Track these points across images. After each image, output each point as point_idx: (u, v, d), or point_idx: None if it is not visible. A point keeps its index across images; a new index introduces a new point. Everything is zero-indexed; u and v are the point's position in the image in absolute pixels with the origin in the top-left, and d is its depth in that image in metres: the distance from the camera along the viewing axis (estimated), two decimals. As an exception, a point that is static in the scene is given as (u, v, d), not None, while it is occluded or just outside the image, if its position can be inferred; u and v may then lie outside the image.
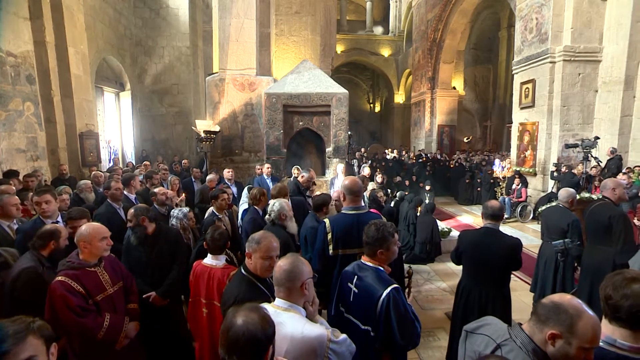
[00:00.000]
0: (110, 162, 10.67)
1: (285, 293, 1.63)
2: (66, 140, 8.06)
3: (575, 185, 7.26)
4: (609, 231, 3.35)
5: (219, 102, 8.07)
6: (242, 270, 2.02)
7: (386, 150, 17.28)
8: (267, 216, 3.26)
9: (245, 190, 5.23)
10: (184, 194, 5.57)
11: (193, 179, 6.94)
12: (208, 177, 5.85)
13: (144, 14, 12.46)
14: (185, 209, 4.13)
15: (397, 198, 6.98)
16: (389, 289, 1.91)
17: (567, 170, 8.10)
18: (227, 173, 6.18)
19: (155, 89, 12.72)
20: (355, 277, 2.08)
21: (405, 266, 4.79)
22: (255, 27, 8.12)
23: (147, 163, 8.32)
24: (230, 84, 8.05)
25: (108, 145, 11.32)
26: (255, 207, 3.90)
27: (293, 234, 3.30)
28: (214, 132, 7.63)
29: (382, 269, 2.05)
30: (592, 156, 7.17)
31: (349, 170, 7.58)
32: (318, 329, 1.59)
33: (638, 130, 8.16)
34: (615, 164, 7.76)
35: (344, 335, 1.67)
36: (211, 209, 4.14)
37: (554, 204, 4.27)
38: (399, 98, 23.01)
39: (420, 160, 14.33)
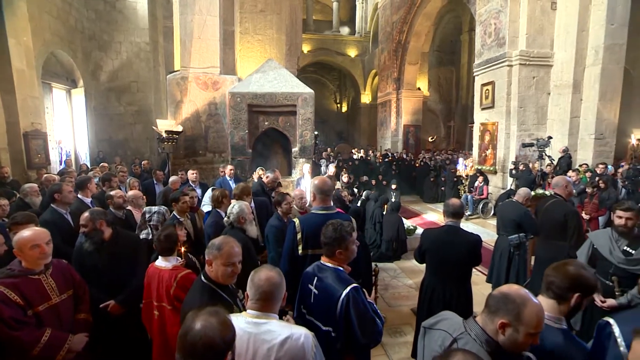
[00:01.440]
0: (61, 164, 9.98)
1: (263, 306, 1.59)
2: (7, 140, 7.44)
3: (531, 182, 7.68)
4: (564, 227, 3.53)
5: (181, 101, 7.78)
6: (203, 278, 1.93)
7: (353, 150, 17.45)
8: (225, 218, 3.17)
9: (208, 192, 5.08)
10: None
11: (155, 181, 6.65)
12: (171, 179, 5.61)
13: (97, 7, 11.72)
14: (164, 207, 3.94)
15: (363, 197, 7.05)
16: (348, 288, 1.90)
17: (524, 168, 8.53)
18: (191, 175, 5.98)
19: (112, 87, 12.04)
20: (315, 278, 2.07)
21: (372, 264, 4.88)
22: (219, 24, 7.90)
23: (105, 165, 7.86)
24: (192, 83, 7.78)
25: (59, 146, 10.55)
26: (218, 209, 3.78)
27: (253, 238, 3.22)
28: (177, 132, 7.35)
29: (341, 269, 2.05)
30: (546, 155, 7.60)
31: (316, 170, 7.57)
32: (303, 330, 1.61)
33: (585, 131, 8.73)
34: (565, 162, 8.28)
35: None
36: (172, 212, 3.96)
37: (513, 200, 4.48)
38: (366, 98, 23.34)
39: (387, 159, 14.59)
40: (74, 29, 11.01)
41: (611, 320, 1.42)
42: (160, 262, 2.55)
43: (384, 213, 6.58)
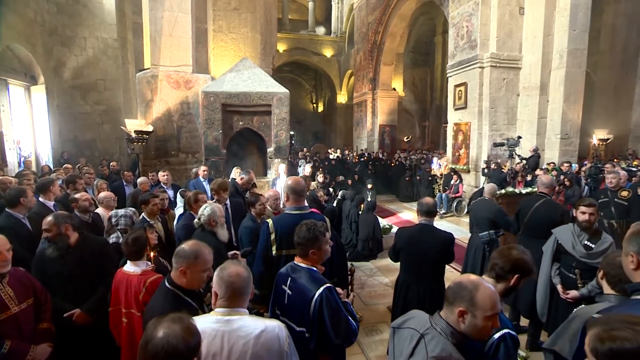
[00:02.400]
0: (20, 165, 9.43)
1: (233, 302, 1.57)
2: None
3: (502, 181, 7.94)
4: (555, 226, 3.40)
5: (151, 100, 7.54)
6: (167, 284, 1.86)
7: (329, 150, 17.50)
8: (196, 220, 3.08)
9: (179, 194, 4.94)
10: None
11: (125, 183, 6.39)
12: (139, 180, 5.40)
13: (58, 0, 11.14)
14: (132, 209, 3.78)
15: (339, 197, 7.07)
16: (322, 288, 1.91)
17: (495, 167, 8.81)
18: (162, 176, 5.79)
19: (77, 84, 11.45)
20: (289, 278, 2.07)
21: (348, 264, 4.90)
22: (191, 21, 7.71)
23: (69, 166, 7.48)
24: (164, 81, 7.56)
25: (17, 146, 9.93)
26: (192, 212, 3.68)
27: (224, 242, 3.15)
28: (147, 132, 7.12)
29: (315, 269, 2.05)
30: (516, 154, 7.89)
31: (292, 171, 7.53)
32: (276, 322, 1.62)
33: (551, 131, 9.12)
34: (533, 161, 8.61)
35: None
36: (142, 214, 3.83)
37: (485, 198, 4.58)
38: (342, 98, 23.46)
39: (363, 159, 14.71)
40: (33, 22, 10.34)
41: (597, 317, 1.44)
42: (129, 267, 2.46)
43: (360, 212, 6.62)
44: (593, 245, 2.88)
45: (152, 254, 2.96)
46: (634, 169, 8.06)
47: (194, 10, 7.90)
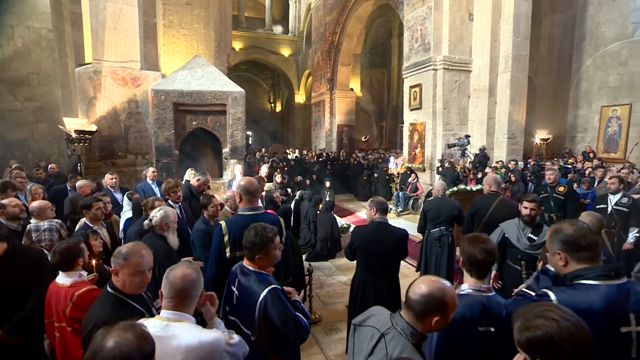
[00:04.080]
0: None
1: (178, 304, 1.55)
2: None
3: (456, 179, 8.28)
4: None
5: (94, 97, 7.04)
6: (109, 289, 1.79)
7: (288, 150, 17.38)
8: (146, 221, 2.91)
9: (126, 197, 4.63)
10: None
11: (69, 187, 5.84)
12: (78, 184, 4.97)
13: (-22, -19, 9.92)
14: (57, 221, 3.46)
15: (297, 197, 7.02)
16: (265, 291, 1.91)
17: (449, 166, 9.18)
18: (110, 179, 5.35)
19: (4, 78, 10.25)
20: (237, 280, 2.06)
21: (305, 264, 4.86)
22: (138, 14, 7.29)
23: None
24: (108, 78, 7.09)
25: None
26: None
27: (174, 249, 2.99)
28: (90, 132, 6.62)
29: (263, 272, 2.03)
30: (469, 152, 8.27)
31: (248, 171, 7.36)
32: (215, 334, 1.56)
33: (499, 131, 9.68)
34: (479, 160, 9.08)
35: (237, 337, 1.67)
36: (83, 220, 3.56)
37: (439, 196, 4.72)
38: (300, 98, 23.40)
39: (321, 159, 14.76)
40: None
41: (549, 291, 1.52)
42: (60, 278, 2.28)
43: (318, 212, 6.61)
44: (536, 238, 3.06)
45: (93, 262, 2.74)
46: (569, 166, 8.78)
47: (141, 3, 7.47)
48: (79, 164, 6.80)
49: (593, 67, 11.80)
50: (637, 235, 4.48)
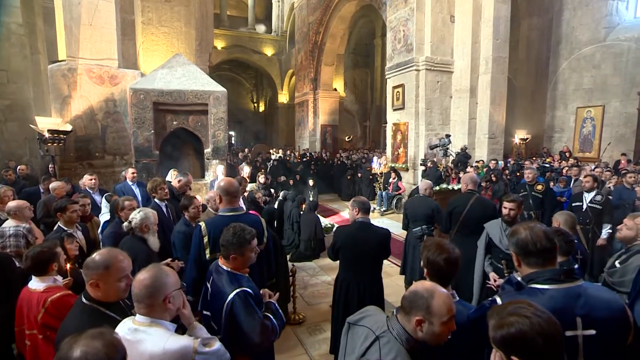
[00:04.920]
0: None
1: (147, 309, 1.50)
2: None
3: (438, 178, 8.38)
4: (488, 220, 3.51)
5: (69, 96, 6.80)
6: (83, 299, 1.70)
7: (271, 150, 17.26)
8: (126, 223, 2.82)
9: (104, 199, 4.48)
10: None
11: (42, 189, 5.62)
12: (52, 185, 4.79)
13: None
14: (25, 225, 3.29)
15: (280, 198, 6.96)
16: (234, 293, 1.90)
17: (432, 165, 9.28)
18: (88, 180, 5.17)
19: (-31, 74, 9.81)
20: (212, 278, 2.06)
21: (289, 264, 4.82)
22: (115, 10, 7.09)
23: None
24: (84, 76, 6.86)
25: None
26: (120, 219, 3.35)
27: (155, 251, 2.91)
28: (64, 132, 6.39)
29: (238, 273, 2.02)
30: (452, 152, 8.38)
31: (230, 172, 7.26)
32: (183, 341, 1.49)
33: (480, 131, 9.87)
34: (459, 159, 9.22)
35: (217, 345, 1.59)
36: (58, 223, 3.42)
37: (419, 195, 4.75)
38: (283, 98, 23.27)
39: (305, 159, 14.72)
40: None
41: (497, 297, 1.57)
42: (33, 284, 2.19)
43: (302, 213, 6.58)
44: (515, 237, 3.10)
45: (68, 266, 2.63)
46: (547, 165, 9.02)
47: (119, -1, 7.27)
48: (51, 165, 6.55)
49: (569, 69, 12.20)
50: (610, 231, 4.63)
